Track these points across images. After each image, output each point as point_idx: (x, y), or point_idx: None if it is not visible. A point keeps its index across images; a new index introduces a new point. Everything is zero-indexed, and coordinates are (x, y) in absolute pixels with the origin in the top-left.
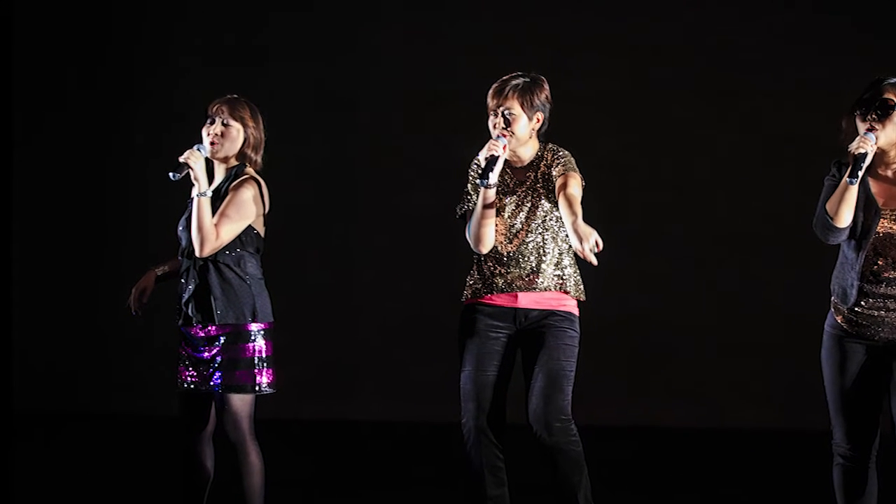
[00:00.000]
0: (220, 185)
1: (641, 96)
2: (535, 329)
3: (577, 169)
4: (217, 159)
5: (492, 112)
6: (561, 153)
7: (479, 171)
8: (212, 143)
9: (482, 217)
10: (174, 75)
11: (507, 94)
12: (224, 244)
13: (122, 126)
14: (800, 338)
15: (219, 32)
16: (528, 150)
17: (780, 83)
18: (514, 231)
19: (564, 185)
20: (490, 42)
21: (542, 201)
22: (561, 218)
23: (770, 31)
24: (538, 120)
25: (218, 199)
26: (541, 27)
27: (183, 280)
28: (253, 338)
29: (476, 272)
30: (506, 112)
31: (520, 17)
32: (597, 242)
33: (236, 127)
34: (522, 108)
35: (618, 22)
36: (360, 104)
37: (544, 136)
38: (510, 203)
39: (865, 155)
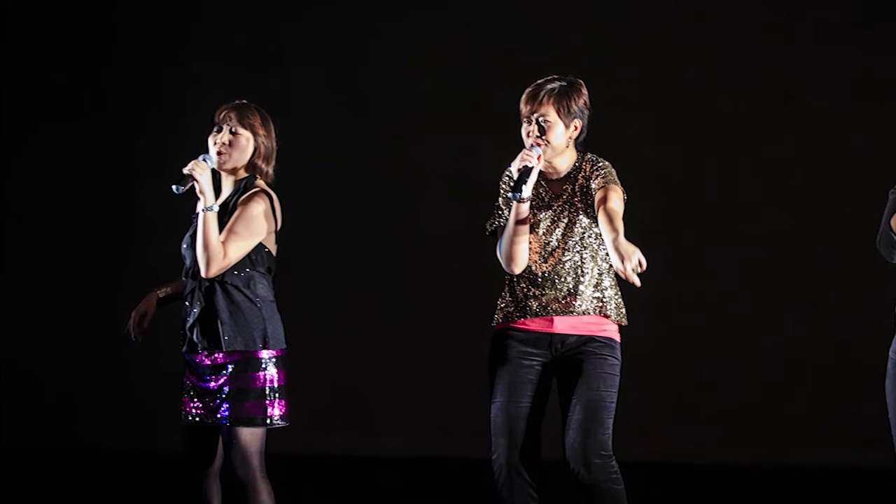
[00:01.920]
0: (227, 198)
1: (687, 102)
2: (573, 356)
3: (618, 181)
4: (224, 171)
5: (525, 119)
6: (600, 164)
7: (512, 184)
8: (219, 153)
9: (515, 234)
10: (180, 79)
11: (541, 100)
12: (232, 264)
13: (122, 136)
14: (863, 365)
15: (228, 34)
16: (564, 160)
17: (839, 86)
18: (550, 249)
19: (604, 199)
20: (520, 43)
21: (580, 217)
22: (601, 235)
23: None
24: (576, 128)
25: (226, 214)
26: (577, 26)
27: (187, 303)
28: (263, 366)
29: (508, 294)
30: (540, 119)
31: (552, 15)
32: (640, 262)
33: (245, 135)
34: (559, 114)
35: (661, 22)
36: (380, 111)
37: (582, 145)
38: (545, 218)
39: None
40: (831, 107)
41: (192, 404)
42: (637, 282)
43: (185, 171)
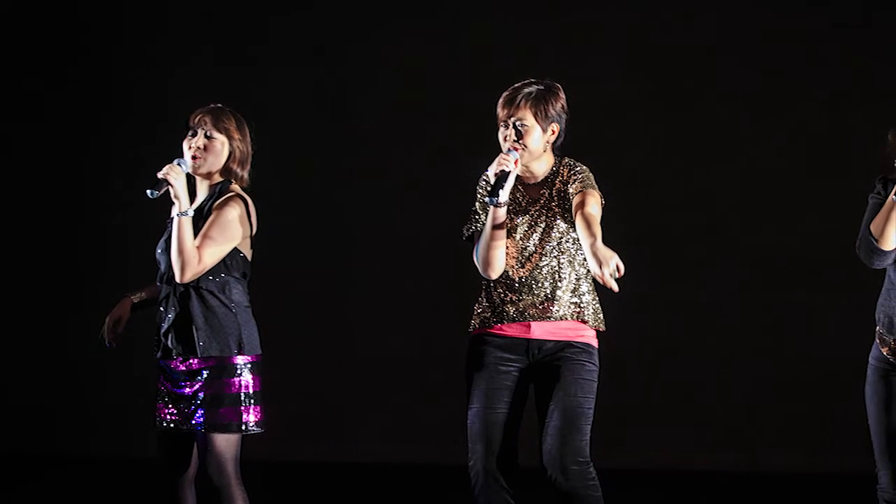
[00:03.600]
0: (202, 203)
1: (667, 105)
2: (550, 362)
3: (595, 186)
4: (199, 175)
5: (502, 123)
6: (578, 168)
7: (489, 189)
8: (193, 158)
9: (492, 239)
10: (154, 83)
11: (519, 104)
12: (207, 269)
13: (95, 140)
14: (843, 371)
15: (203, 38)
16: (541, 165)
17: (825, 88)
18: (527, 254)
19: (582, 204)
20: (499, 47)
21: (558, 221)
22: (578, 240)
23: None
24: (553, 132)
25: (200, 218)
26: (555, 30)
27: (162, 308)
28: (239, 372)
29: (485, 299)
30: (518, 123)
31: (532, 19)
32: (618, 267)
33: (220, 139)
34: (536, 118)
35: (640, 24)
36: (356, 115)
37: (560, 149)
38: (522, 223)
39: None
40: (815, 112)
41: (166, 410)
42: (615, 287)
43: (160, 175)
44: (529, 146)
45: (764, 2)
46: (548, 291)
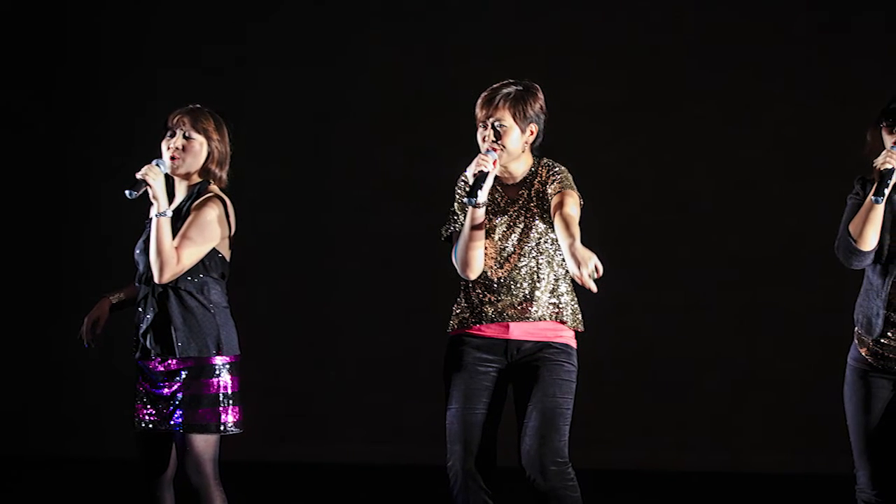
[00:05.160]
0: (181, 203)
1: (646, 106)
2: (529, 363)
3: (574, 186)
4: (178, 175)
5: (481, 124)
6: (557, 169)
7: (467, 189)
8: (172, 158)
9: (470, 239)
10: (134, 83)
11: (497, 104)
12: (185, 269)
13: (75, 141)
14: (821, 372)
15: (183, 40)
16: (520, 165)
17: (801, 90)
18: (506, 255)
19: (560, 204)
20: (478, 49)
21: (536, 222)
22: (557, 240)
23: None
24: (532, 132)
25: (179, 219)
26: (534, 32)
27: (140, 309)
28: (217, 372)
29: (463, 300)
30: (496, 124)
31: (511, 21)
32: (596, 267)
33: (199, 140)
34: (514, 119)
35: (618, 25)
36: (334, 116)
37: (538, 150)
38: (501, 224)
39: (892, 171)
40: (794, 113)
41: (145, 411)
42: (594, 287)
43: (139, 175)
44: (508, 147)
45: (743, 4)
46: (526, 292)
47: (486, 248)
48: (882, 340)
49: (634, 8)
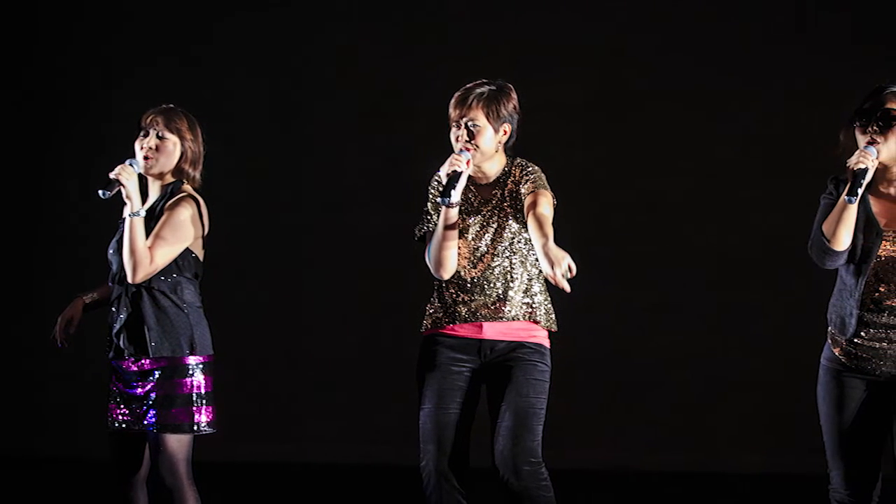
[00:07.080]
0: (154, 203)
1: (618, 105)
2: (502, 363)
3: (547, 186)
4: (151, 175)
5: (454, 124)
6: (530, 169)
7: (441, 189)
8: (145, 158)
9: (444, 239)
10: (106, 83)
11: (470, 104)
12: (159, 269)
13: (47, 141)
14: (795, 371)
15: (155, 38)
16: (493, 165)
17: (773, 90)
18: (479, 254)
19: (534, 204)
20: (452, 49)
21: (510, 222)
22: (530, 240)
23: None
24: (505, 132)
25: (152, 219)
26: (507, 32)
27: (114, 308)
28: (191, 372)
29: (437, 300)
30: (469, 124)
31: (484, 21)
32: (570, 267)
33: (172, 140)
34: (488, 119)
35: (590, 24)
36: (307, 115)
37: (512, 150)
38: (474, 224)
39: (865, 171)
40: (767, 112)
41: (118, 411)
42: (567, 287)
43: (112, 175)
44: (481, 146)
45: (714, 2)
46: (500, 292)
47: (459, 247)
48: (856, 340)
49: (604, 7)
